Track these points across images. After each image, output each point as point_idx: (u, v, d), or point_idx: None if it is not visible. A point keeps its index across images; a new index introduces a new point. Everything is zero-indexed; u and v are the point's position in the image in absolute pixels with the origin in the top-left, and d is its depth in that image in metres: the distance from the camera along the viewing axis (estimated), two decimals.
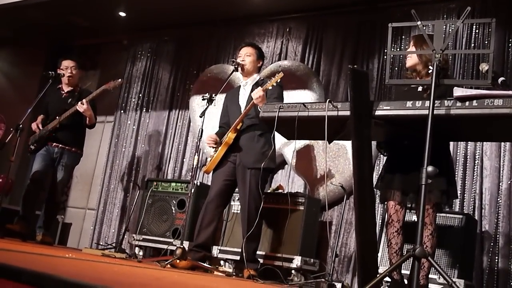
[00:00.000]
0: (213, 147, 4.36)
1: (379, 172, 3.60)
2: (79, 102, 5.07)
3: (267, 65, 6.06)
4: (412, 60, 3.40)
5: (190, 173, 6.25)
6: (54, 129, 5.20)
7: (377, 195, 4.48)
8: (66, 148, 5.21)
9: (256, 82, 4.36)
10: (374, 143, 3.63)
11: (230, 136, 4.25)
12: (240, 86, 4.54)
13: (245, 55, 4.44)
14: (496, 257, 4.54)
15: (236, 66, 4.38)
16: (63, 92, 5.41)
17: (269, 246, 4.65)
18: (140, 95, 7.33)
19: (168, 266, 3.60)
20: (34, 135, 5.33)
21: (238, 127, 4.25)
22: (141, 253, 5.42)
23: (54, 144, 5.21)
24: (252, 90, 4.23)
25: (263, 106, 3.35)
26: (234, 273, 4.33)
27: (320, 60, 6.10)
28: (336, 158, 5.42)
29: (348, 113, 2.85)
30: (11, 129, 5.28)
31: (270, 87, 4.08)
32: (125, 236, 5.98)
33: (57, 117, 5.21)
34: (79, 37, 7.99)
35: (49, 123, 5.26)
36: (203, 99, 4.17)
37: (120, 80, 5.40)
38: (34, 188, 5.17)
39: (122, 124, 7.35)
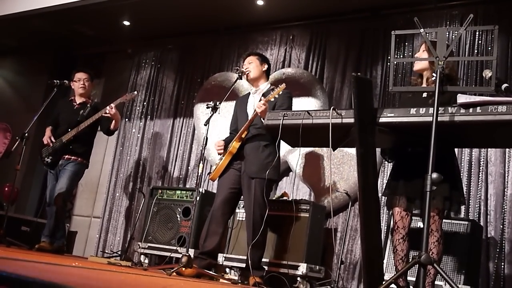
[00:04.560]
0: (220, 154, 4.39)
1: (386, 179, 3.60)
2: (107, 107, 5.09)
3: (271, 73, 6.08)
4: (421, 64, 3.39)
5: (195, 181, 6.26)
6: (69, 141, 5.21)
7: (383, 202, 4.49)
8: (72, 158, 5.22)
9: (264, 93, 4.36)
10: (378, 150, 3.64)
11: (234, 145, 4.27)
12: (249, 93, 4.56)
13: (248, 63, 4.47)
14: (502, 263, 4.53)
15: (240, 74, 4.40)
16: (75, 104, 5.44)
17: (275, 253, 4.65)
18: (145, 103, 7.36)
19: (174, 274, 3.61)
20: (46, 147, 5.31)
21: (243, 136, 4.27)
22: (146, 261, 5.43)
23: (67, 156, 5.21)
24: (260, 100, 4.25)
25: (267, 114, 3.37)
26: (239, 281, 4.34)
27: (324, 68, 6.11)
28: (341, 165, 5.42)
29: (352, 120, 2.86)
30: (17, 137, 5.31)
31: (272, 99, 4.10)
32: (131, 244, 5.99)
33: (69, 129, 5.22)
34: (83, 46, 8.04)
35: (61, 134, 5.26)
36: (207, 107, 4.19)
37: (135, 92, 5.46)
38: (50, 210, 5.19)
39: (126, 132, 7.37)
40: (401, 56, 5.50)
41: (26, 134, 5.22)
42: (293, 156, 5.65)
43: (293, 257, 4.53)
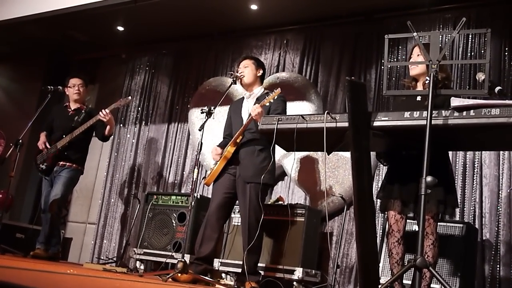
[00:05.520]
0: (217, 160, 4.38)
1: (381, 182, 3.61)
2: (100, 112, 5.08)
3: (265, 77, 6.09)
4: (419, 68, 3.40)
5: (190, 186, 6.25)
6: (64, 147, 5.19)
7: (377, 205, 4.49)
8: (67, 164, 5.20)
9: (258, 97, 4.37)
10: (373, 153, 3.64)
11: (229, 150, 4.27)
12: (243, 97, 4.56)
13: (243, 67, 4.47)
14: (498, 266, 4.53)
15: (234, 79, 4.40)
16: (70, 110, 5.43)
17: (270, 258, 4.64)
18: (139, 108, 7.35)
19: (170, 280, 3.60)
20: (41, 154, 5.29)
21: (238, 141, 4.27)
22: (142, 267, 5.41)
23: (62, 163, 5.20)
24: (254, 104, 4.25)
25: (262, 118, 3.37)
26: (235, 286, 4.33)
27: (318, 72, 6.12)
28: (336, 169, 5.43)
29: (346, 124, 2.86)
30: (11, 144, 5.29)
31: (268, 103, 4.10)
32: (126, 250, 5.97)
33: (63, 135, 5.20)
34: (77, 52, 8.02)
35: (55, 140, 5.24)
36: (202, 112, 4.18)
37: (129, 97, 5.44)
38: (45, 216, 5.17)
39: (121, 138, 7.36)
40: (395, 60, 5.51)
41: (20, 141, 5.20)
42: (288, 160, 5.65)
43: (289, 261, 4.52)
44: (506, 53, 5.03)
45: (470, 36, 5.20)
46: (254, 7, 6.09)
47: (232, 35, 6.83)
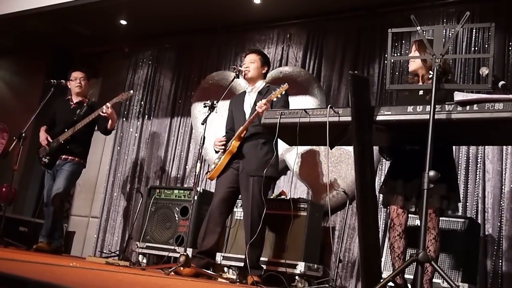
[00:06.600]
0: (220, 150, 4.37)
1: (383, 177, 3.61)
2: (103, 106, 5.09)
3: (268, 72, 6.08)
4: (415, 64, 3.42)
5: (193, 180, 6.25)
6: (66, 140, 5.19)
7: (380, 199, 4.49)
8: (69, 158, 5.21)
9: (260, 91, 4.37)
10: (376, 148, 3.64)
11: (234, 144, 4.27)
12: (245, 91, 4.55)
13: (249, 62, 4.45)
14: (500, 261, 4.53)
15: (237, 73, 4.40)
16: (72, 103, 5.43)
17: (273, 252, 4.65)
18: (142, 102, 7.35)
19: (172, 273, 3.60)
20: (43, 148, 5.29)
21: (242, 135, 4.26)
22: (144, 260, 5.42)
23: (64, 156, 5.20)
24: (256, 98, 4.24)
25: (265, 112, 3.36)
26: (238, 280, 4.33)
27: (321, 66, 6.11)
28: (339, 164, 5.42)
29: (349, 118, 2.86)
30: (14, 137, 5.30)
31: (275, 99, 4.10)
32: (129, 244, 5.98)
33: (66, 129, 5.20)
34: (80, 46, 8.03)
35: (57, 134, 5.25)
36: (204, 106, 4.18)
37: (131, 91, 5.44)
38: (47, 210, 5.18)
39: (124, 132, 7.36)
40: (398, 54, 5.50)
41: (24, 134, 5.21)
42: (291, 154, 5.65)
43: (291, 255, 4.53)
44: (510, 48, 5.01)
45: (474, 30, 5.18)
46: (257, 1, 6.08)
47: (235, 29, 6.81)
